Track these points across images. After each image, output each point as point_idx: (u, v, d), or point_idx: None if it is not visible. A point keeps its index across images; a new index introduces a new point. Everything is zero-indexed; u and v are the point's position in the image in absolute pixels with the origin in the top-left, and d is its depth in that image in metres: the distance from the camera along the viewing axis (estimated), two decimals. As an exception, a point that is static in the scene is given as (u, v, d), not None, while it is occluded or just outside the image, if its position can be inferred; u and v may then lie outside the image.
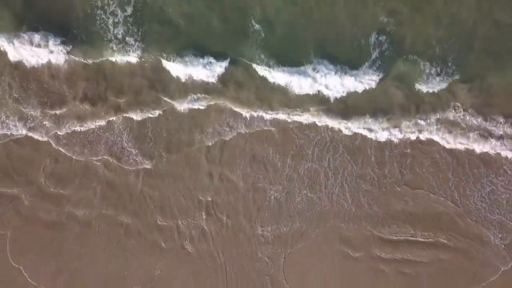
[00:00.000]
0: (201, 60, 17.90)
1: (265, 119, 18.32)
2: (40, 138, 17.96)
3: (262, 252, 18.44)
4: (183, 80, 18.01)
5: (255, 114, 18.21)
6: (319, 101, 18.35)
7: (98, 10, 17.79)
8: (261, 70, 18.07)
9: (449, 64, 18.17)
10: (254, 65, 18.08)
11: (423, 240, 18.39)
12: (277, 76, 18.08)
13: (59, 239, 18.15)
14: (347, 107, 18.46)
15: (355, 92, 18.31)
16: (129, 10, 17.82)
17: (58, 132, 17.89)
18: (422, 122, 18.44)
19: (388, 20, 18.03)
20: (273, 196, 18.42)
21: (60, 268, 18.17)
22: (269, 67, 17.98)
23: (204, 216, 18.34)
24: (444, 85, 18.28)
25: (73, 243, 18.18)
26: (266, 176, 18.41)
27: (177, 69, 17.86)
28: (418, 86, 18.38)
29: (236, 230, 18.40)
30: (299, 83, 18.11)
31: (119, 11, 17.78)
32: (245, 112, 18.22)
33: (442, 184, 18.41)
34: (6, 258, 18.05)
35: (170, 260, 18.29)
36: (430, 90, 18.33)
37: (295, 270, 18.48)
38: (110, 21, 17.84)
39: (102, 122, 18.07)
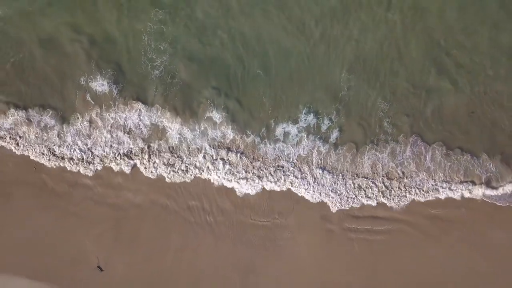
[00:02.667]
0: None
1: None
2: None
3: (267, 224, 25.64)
4: None
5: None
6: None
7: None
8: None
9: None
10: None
11: (381, 216, 25.53)
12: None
13: (117, 216, 25.38)
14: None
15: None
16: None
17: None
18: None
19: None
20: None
21: (117, 237, 25.33)
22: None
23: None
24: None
25: (128, 219, 25.45)
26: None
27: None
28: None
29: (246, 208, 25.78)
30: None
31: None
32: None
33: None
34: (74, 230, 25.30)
35: (196, 231, 25.42)
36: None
37: (290, 236, 25.59)
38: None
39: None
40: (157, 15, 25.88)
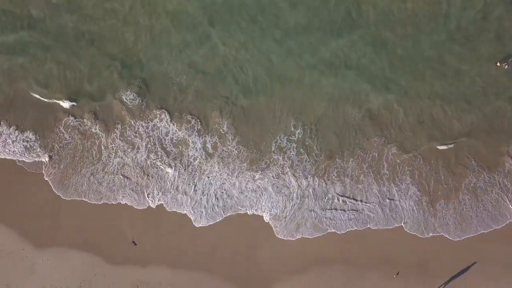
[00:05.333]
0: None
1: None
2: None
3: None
4: None
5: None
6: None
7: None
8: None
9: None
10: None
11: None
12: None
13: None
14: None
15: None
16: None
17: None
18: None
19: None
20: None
21: (145, 220, 32.36)
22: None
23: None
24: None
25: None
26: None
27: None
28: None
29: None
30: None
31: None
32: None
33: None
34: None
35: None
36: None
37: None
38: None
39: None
40: (178, 42, 32.78)
